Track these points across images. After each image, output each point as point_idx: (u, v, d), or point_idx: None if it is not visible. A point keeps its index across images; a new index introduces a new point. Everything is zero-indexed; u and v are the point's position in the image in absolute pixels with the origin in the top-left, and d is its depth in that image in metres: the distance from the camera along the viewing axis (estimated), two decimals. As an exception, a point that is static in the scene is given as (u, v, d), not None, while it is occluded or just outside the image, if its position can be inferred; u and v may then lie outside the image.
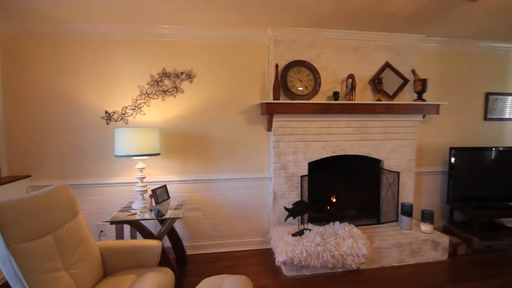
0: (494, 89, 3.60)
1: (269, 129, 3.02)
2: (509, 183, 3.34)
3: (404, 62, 3.22)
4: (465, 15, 2.62)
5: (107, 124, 2.81)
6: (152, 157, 2.74)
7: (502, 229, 3.24)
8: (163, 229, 2.43)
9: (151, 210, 2.52)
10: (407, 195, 3.29)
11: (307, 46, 3.00)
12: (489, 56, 3.55)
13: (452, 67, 3.48)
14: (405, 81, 3.20)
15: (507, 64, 3.62)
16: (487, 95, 3.59)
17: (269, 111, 2.80)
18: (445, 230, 3.35)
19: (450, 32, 3.12)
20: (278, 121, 2.92)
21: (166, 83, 2.88)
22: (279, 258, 2.51)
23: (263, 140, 3.11)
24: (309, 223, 3.00)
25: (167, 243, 2.71)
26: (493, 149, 3.34)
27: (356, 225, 3.02)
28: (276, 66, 2.84)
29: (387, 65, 3.18)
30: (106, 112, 2.80)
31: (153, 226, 2.83)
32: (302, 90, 2.98)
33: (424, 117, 3.23)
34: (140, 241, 2.02)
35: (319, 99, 3.03)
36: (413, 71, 3.19)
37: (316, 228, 2.86)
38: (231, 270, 2.69)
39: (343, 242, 2.63)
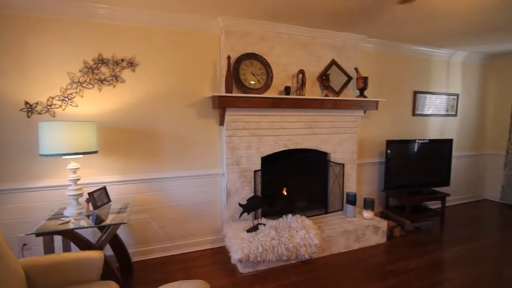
0: (420, 88, 4.07)
1: (222, 123, 2.91)
2: (432, 170, 3.83)
3: (348, 60, 3.41)
4: (396, 19, 2.86)
5: (28, 117, 2.35)
6: (88, 155, 2.40)
7: (427, 211, 3.71)
8: (104, 237, 2.15)
9: (88, 216, 2.20)
10: (351, 185, 3.53)
11: (259, 39, 2.96)
12: (416, 59, 4.00)
13: (387, 67, 3.82)
14: (349, 78, 3.40)
15: (430, 66, 4.13)
16: (415, 93, 4.04)
17: (222, 104, 2.69)
18: (382, 215, 3.69)
19: (386, 34, 3.40)
20: (231, 115, 2.83)
21: (103, 71, 2.53)
22: (235, 256, 2.44)
23: (215, 135, 2.99)
24: (262, 218, 2.99)
25: (108, 251, 2.41)
26: (420, 141, 3.78)
27: (307, 216, 3.13)
28: (228, 58, 2.74)
29: (333, 63, 3.32)
30: (27, 103, 2.34)
31: (91, 234, 2.49)
32: (254, 84, 2.93)
33: (365, 112, 3.48)
34: (76, 254, 1.74)
35: (271, 93, 3.03)
36: (356, 69, 3.40)
37: (270, 222, 2.87)
38: (184, 273, 2.53)
39: (297, 234, 2.69)
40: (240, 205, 2.79)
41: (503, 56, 4.41)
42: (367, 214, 3.24)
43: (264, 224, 2.82)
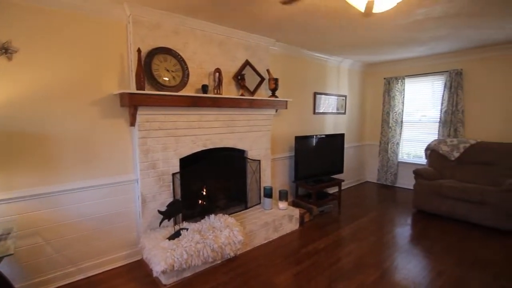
0: (319, 90, 4.65)
1: (133, 123, 2.61)
2: (330, 161, 4.44)
3: (260, 61, 3.58)
4: (297, 27, 3.18)
5: None
6: None
7: (328, 196, 4.30)
8: (-25, 276, 1.63)
9: None
10: (266, 179, 3.75)
11: (172, 33, 2.77)
12: (315, 63, 4.54)
13: (293, 69, 4.20)
14: (262, 79, 3.57)
15: (326, 70, 4.76)
16: (315, 94, 4.59)
17: (133, 103, 2.41)
18: (294, 204, 4.07)
19: (290, 40, 3.72)
20: (144, 114, 2.57)
21: (-42, 56, 1.89)
22: (158, 268, 2.25)
23: (126, 136, 2.65)
24: (184, 222, 2.86)
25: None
26: (320, 136, 4.33)
27: (229, 214, 3.17)
28: (139, 50, 2.46)
29: (247, 63, 3.43)
30: None
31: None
32: (169, 80, 2.74)
33: (276, 111, 3.74)
34: None
35: (188, 91, 2.90)
36: (268, 71, 3.60)
37: (192, 226, 2.77)
38: (94, 299, 2.18)
39: (221, 234, 2.69)
40: (160, 212, 2.58)
41: (377, 65, 5.49)
42: (282, 205, 3.51)
43: (187, 229, 2.70)
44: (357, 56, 4.77)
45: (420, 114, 5.13)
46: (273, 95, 3.60)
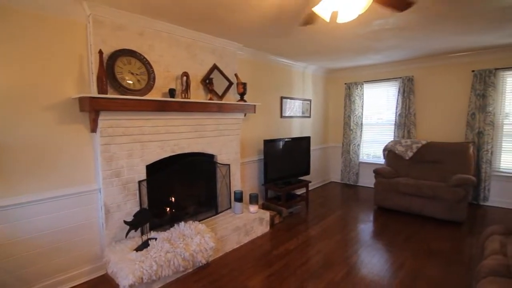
0: (285, 94, 4.77)
1: (94, 130, 2.45)
2: (297, 163, 4.57)
3: (228, 65, 3.58)
4: (263, 34, 3.26)
5: None
6: None
7: (296, 197, 4.41)
8: None
9: None
10: (236, 183, 3.75)
11: (137, 35, 2.66)
12: (281, 69, 4.66)
13: (260, 74, 4.27)
14: (230, 83, 3.58)
15: (291, 75, 4.90)
16: (282, 98, 4.70)
17: (94, 107, 2.26)
18: (264, 207, 4.11)
19: (257, 46, 3.78)
20: (107, 120, 2.43)
21: None
22: (125, 282, 2.13)
23: (86, 143, 2.48)
24: (151, 232, 2.74)
25: None
26: (287, 139, 4.44)
27: (199, 220, 3.11)
28: (100, 52, 2.32)
29: (215, 67, 3.41)
30: None
31: None
32: (134, 84, 2.62)
33: (245, 115, 3.76)
34: None
35: (155, 95, 2.80)
36: (236, 75, 3.62)
37: (161, 235, 2.67)
38: (53, 322, 1.99)
39: (192, 241, 2.62)
40: (126, 222, 2.45)
41: (339, 71, 5.79)
42: (253, 208, 3.53)
43: (155, 238, 2.59)
44: (320, 62, 4.99)
45: (377, 117, 5.51)
46: (242, 99, 3.62)
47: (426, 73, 4.78)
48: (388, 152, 4.79)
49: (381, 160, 5.07)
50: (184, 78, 2.98)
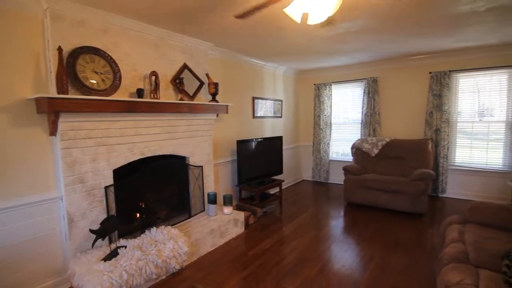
0: (257, 95, 4.79)
1: (54, 133, 2.26)
2: (270, 162, 4.60)
3: (199, 65, 3.51)
4: (234, 34, 3.25)
5: None
6: None
7: (270, 196, 4.44)
8: None
9: None
10: (210, 185, 3.68)
11: (101, 32, 2.51)
12: (253, 69, 4.67)
13: (232, 74, 4.24)
14: (202, 83, 3.51)
15: (263, 76, 4.93)
16: (254, 98, 4.71)
17: (53, 109, 2.10)
18: (238, 208, 4.08)
19: (228, 45, 3.76)
20: (68, 122, 2.26)
21: None
22: (93, 295, 2.00)
23: (45, 148, 2.28)
24: (120, 239, 2.61)
25: None
26: (260, 139, 4.45)
27: (172, 225, 3.02)
28: (60, 49, 2.16)
29: (185, 67, 3.33)
30: None
31: None
32: (98, 83, 2.47)
33: (217, 115, 3.71)
34: None
35: (121, 95, 2.66)
36: (207, 75, 3.56)
37: (132, 242, 2.54)
38: None
39: (165, 247, 2.53)
40: (92, 231, 2.30)
41: (308, 72, 5.93)
42: (227, 209, 3.49)
43: (125, 246, 2.46)
44: (290, 63, 5.08)
45: (345, 117, 5.73)
46: (214, 99, 3.56)
47: (389, 75, 5.06)
48: (356, 149, 5.00)
49: (350, 158, 5.27)
50: (153, 77, 2.87)
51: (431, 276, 2.45)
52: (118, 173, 2.68)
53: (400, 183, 4.01)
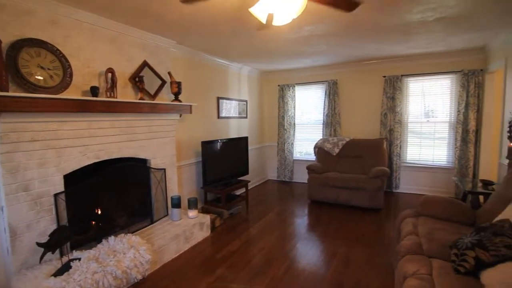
0: (222, 95, 4.72)
1: (-9, 135, 1.99)
2: (236, 163, 4.57)
3: (160, 63, 3.35)
4: (196, 31, 3.17)
5: None
6: None
7: (236, 197, 4.41)
8: None
9: None
10: (173, 188, 3.54)
11: (49, 23, 2.27)
12: (218, 69, 4.59)
13: (196, 73, 4.13)
14: (163, 82, 3.36)
15: (228, 76, 4.88)
16: (218, 99, 4.64)
17: (-10, 108, 1.85)
18: (204, 211, 3.98)
19: (191, 43, 3.65)
20: (9, 122, 2.01)
21: None
22: (41, 316, 1.79)
23: (-21, 152, 2.00)
24: (74, 251, 2.38)
25: None
26: (225, 140, 4.40)
27: (133, 232, 2.85)
28: (-3, 41, 1.90)
29: (145, 64, 3.15)
30: None
31: None
32: (45, 80, 2.23)
33: (181, 116, 3.58)
34: None
35: (72, 93, 2.43)
36: (169, 74, 3.41)
37: (86, 254, 2.33)
38: None
39: (124, 257, 2.37)
40: (39, 244, 2.07)
41: (272, 73, 5.99)
42: (192, 213, 3.39)
43: (79, 259, 2.25)
44: (255, 64, 5.09)
45: (308, 117, 5.91)
46: (176, 99, 3.43)
47: (348, 77, 5.32)
48: (318, 149, 5.17)
49: (313, 157, 5.44)
50: (109, 75, 2.67)
51: (390, 268, 2.61)
52: (70, 179, 2.45)
53: (359, 180, 4.23)
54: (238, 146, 4.64)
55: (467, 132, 4.40)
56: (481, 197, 3.34)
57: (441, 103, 4.75)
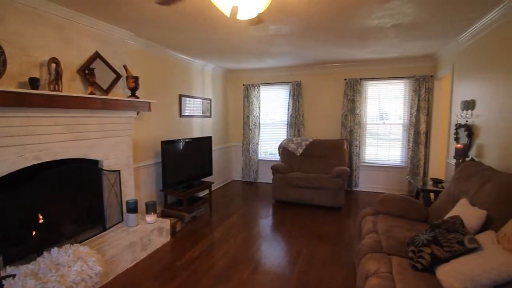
0: (184, 92, 4.51)
1: None
2: (199, 164, 4.39)
3: (115, 55, 3.08)
4: (155, 23, 2.98)
5: None
6: None
7: (199, 200, 4.24)
8: None
9: None
10: (129, 192, 3.28)
11: (-28, 1, 1.94)
12: (180, 65, 4.38)
13: (156, 68, 3.88)
14: (118, 76, 3.09)
15: (190, 73, 4.68)
16: (180, 96, 4.42)
17: None
18: (163, 214, 3.75)
19: (150, 36, 3.42)
20: None
21: None
22: None
23: None
24: (7, 267, 2.06)
25: None
26: (187, 139, 4.20)
27: (81, 242, 2.56)
28: None
29: (97, 55, 2.87)
30: None
31: None
32: (-31, 68, 1.89)
33: (138, 113, 3.33)
34: None
35: (6, 85, 2.11)
36: (125, 67, 3.15)
37: (23, 269, 2.03)
38: None
39: (70, 270, 2.11)
40: (-41, 261, 1.74)
41: (237, 72, 5.90)
42: (150, 218, 3.16)
43: (13, 275, 1.95)
44: (219, 62, 4.96)
45: (272, 117, 5.92)
46: (133, 95, 3.18)
47: (311, 79, 5.43)
48: (283, 149, 5.20)
49: (277, 157, 5.46)
50: (53, 65, 2.36)
51: (351, 265, 2.67)
52: (3, 183, 2.12)
53: (322, 180, 4.32)
54: (202, 146, 4.47)
55: (419, 134, 4.73)
56: (431, 194, 3.58)
57: (395, 106, 5.05)
